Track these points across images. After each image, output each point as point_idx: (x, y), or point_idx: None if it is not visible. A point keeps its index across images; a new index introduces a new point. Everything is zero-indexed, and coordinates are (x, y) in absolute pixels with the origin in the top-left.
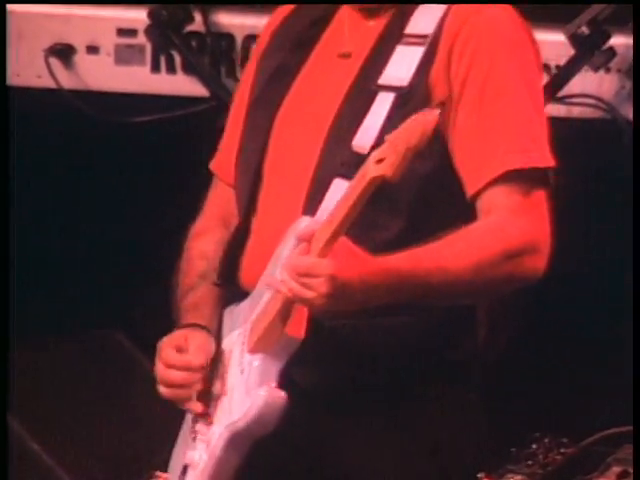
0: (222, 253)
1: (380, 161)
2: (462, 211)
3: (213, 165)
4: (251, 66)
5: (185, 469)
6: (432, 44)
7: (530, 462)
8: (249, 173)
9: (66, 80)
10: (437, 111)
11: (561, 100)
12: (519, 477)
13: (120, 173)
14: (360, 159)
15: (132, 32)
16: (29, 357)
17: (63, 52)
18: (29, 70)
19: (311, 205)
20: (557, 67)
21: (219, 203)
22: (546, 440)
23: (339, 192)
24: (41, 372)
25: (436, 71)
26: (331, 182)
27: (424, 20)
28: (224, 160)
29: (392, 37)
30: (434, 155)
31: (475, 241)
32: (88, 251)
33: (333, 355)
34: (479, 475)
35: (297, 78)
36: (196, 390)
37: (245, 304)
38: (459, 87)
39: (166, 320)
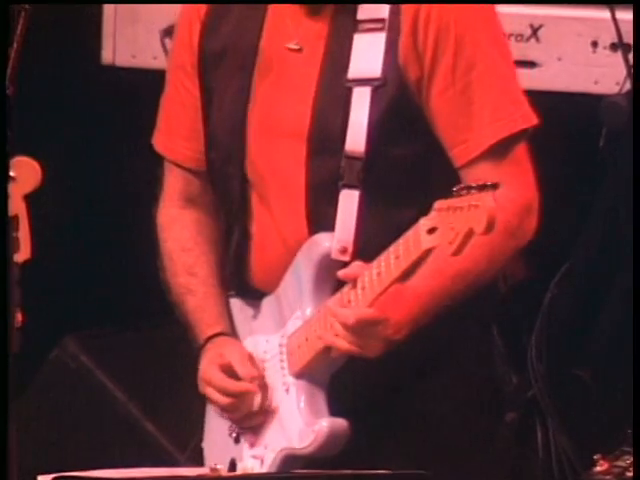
0: (229, 263)
1: (432, 231)
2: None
3: (162, 147)
4: (187, 46)
5: (232, 468)
6: (393, 28)
7: None
8: (235, 178)
9: None
10: (491, 196)
11: None
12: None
13: None
14: (358, 164)
15: None
16: (148, 338)
17: None
18: (145, 51)
19: (316, 215)
20: None
21: (179, 187)
22: None
23: (352, 204)
24: (158, 353)
25: (404, 54)
26: (332, 190)
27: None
28: (175, 142)
29: (345, 26)
30: (422, 136)
31: None
32: None
33: None
34: (595, 457)
35: (255, 73)
36: (256, 404)
37: (265, 308)
38: (430, 62)
39: None
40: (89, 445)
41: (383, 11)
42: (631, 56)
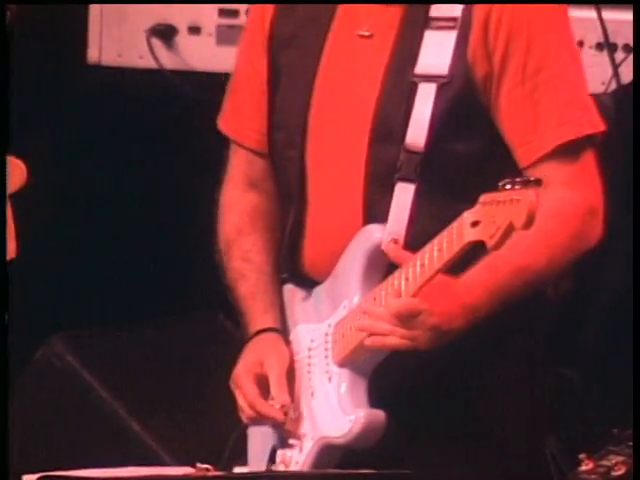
0: (282, 249)
1: (475, 224)
2: None
3: (227, 128)
4: (259, 29)
5: (273, 455)
6: (464, 26)
7: (631, 443)
8: (295, 162)
9: (167, 60)
10: (534, 191)
11: None
12: (620, 458)
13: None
14: (416, 158)
15: (233, 12)
16: (134, 338)
17: (165, 32)
18: (131, 50)
19: (372, 206)
20: None
21: (243, 169)
22: None
23: (406, 197)
24: (144, 353)
25: (473, 51)
26: (389, 182)
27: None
28: (240, 123)
29: (417, 21)
30: (482, 134)
31: (542, 230)
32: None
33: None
34: (580, 456)
35: (322, 58)
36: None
37: (316, 296)
38: (500, 61)
39: None
40: (75, 444)
41: (456, 10)
42: (617, 55)
